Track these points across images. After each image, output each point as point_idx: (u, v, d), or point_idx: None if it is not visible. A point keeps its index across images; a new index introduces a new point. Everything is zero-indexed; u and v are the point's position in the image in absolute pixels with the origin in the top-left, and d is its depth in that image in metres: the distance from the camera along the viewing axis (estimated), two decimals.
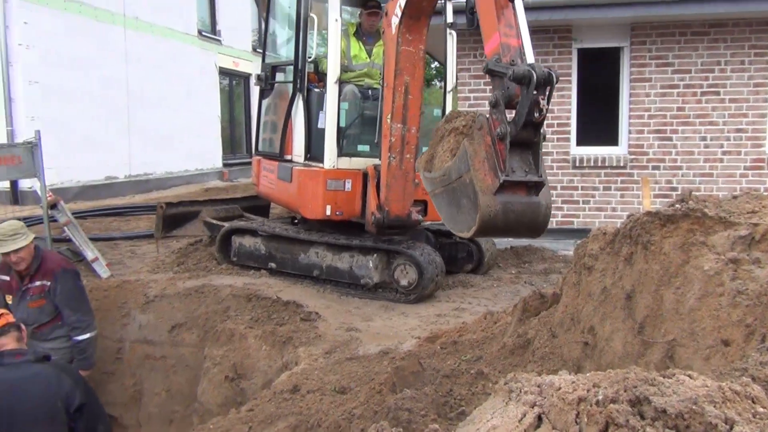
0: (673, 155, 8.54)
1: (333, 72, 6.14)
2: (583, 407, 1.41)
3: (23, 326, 3.64)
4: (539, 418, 1.45)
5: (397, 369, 2.89)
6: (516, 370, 2.81)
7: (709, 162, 8.48)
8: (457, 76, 7.17)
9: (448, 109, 6.51)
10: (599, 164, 8.65)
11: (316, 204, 6.16)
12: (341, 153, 6.24)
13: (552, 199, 3.62)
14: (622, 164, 8.60)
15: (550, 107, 3.39)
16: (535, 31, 8.35)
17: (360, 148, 6.42)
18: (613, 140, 8.82)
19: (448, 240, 7.11)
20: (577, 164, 8.66)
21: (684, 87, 8.43)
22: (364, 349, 4.62)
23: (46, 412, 3.21)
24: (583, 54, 8.74)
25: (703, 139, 8.46)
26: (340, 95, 6.41)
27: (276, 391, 3.65)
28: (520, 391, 1.54)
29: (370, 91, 6.59)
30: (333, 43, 6.16)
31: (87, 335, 5.27)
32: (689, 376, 1.50)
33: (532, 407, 1.46)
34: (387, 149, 5.71)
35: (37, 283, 5.13)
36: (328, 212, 6.10)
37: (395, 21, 5.30)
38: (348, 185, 6.14)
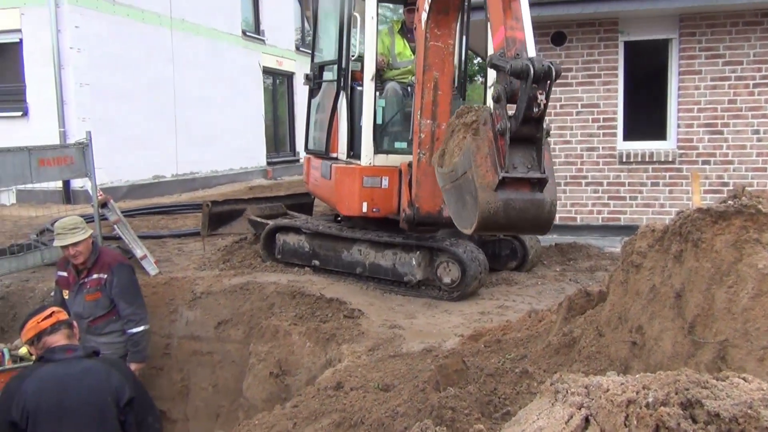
0: (724, 149, 8.29)
1: (369, 69, 6.17)
2: (633, 410, 1.37)
3: (75, 323, 3.73)
4: (586, 420, 1.43)
5: (440, 367, 2.88)
6: (561, 369, 2.76)
7: (762, 156, 8.21)
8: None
9: (489, 104, 6.44)
10: (647, 159, 8.46)
11: (352, 201, 6.20)
12: (378, 150, 6.24)
13: (558, 195, 3.53)
14: (670, 159, 8.40)
15: (550, 102, 3.32)
16: (580, 24, 8.31)
17: (397, 145, 6.41)
18: (661, 135, 8.62)
19: (491, 237, 7.06)
20: (624, 159, 8.49)
21: (735, 79, 8.17)
22: (407, 347, 4.62)
23: (97, 407, 3.28)
24: (630, 47, 8.55)
25: (756, 132, 8.19)
26: (382, 92, 6.42)
27: (320, 388, 3.67)
28: (567, 392, 1.51)
29: (410, 89, 6.57)
30: (369, 41, 6.18)
31: (141, 328, 5.42)
32: (743, 378, 1.46)
33: (580, 409, 1.44)
34: (417, 145, 5.68)
35: (94, 276, 5.30)
36: (365, 209, 6.13)
37: (423, 16, 5.27)
38: (385, 182, 6.14)
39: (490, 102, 3.67)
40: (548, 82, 3.25)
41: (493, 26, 3.67)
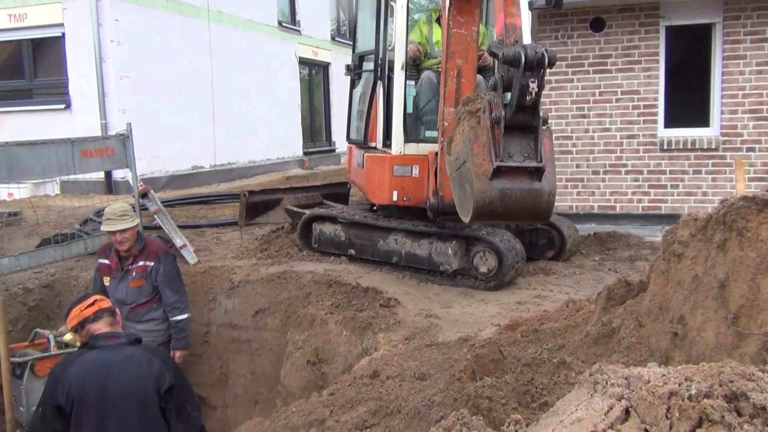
0: None
1: (399, 58, 6.17)
2: (675, 402, 1.35)
3: (117, 311, 3.81)
4: (626, 412, 1.40)
5: (477, 356, 2.86)
6: (600, 360, 2.73)
7: None
8: None
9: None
10: (689, 147, 8.26)
11: (382, 189, 6.23)
12: (409, 139, 6.23)
13: (557, 184, 3.45)
14: (713, 146, 8.19)
15: (543, 90, 3.27)
16: (621, 9, 8.15)
17: (429, 134, 6.38)
18: (703, 121, 8.41)
19: (528, 226, 6.99)
20: (665, 147, 8.31)
21: None
22: (443, 336, 4.61)
23: (139, 393, 3.35)
24: (672, 32, 8.35)
25: None
26: (416, 81, 6.40)
27: (356, 376, 3.69)
28: (607, 383, 1.49)
29: None
30: (399, 30, 6.17)
31: (185, 316, 5.57)
32: None
33: (620, 400, 1.41)
34: (441, 134, 5.62)
35: (140, 263, 5.43)
36: (395, 198, 6.13)
37: (446, 3, 5.22)
38: (415, 171, 6.12)
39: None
40: (542, 70, 3.21)
41: (495, 13, 3.66)
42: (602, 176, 8.53)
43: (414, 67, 6.61)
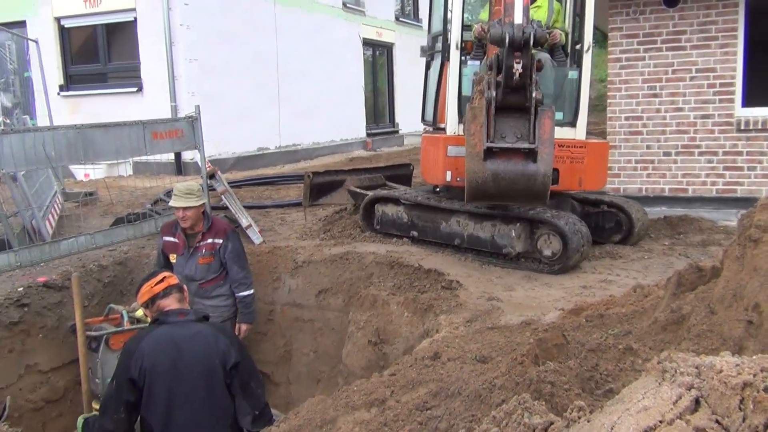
0: None
1: (454, 37, 6.12)
2: (749, 393, 1.29)
3: (185, 287, 3.91)
4: (696, 402, 1.35)
5: (539, 341, 2.82)
6: (668, 347, 2.64)
7: None
8: (605, 35, 6.76)
9: (585, 71, 6.14)
10: None
11: (436, 169, 6.27)
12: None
13: (551, 166, 3.32)
14: None
15: (533, 70, 3.22)
16: None
17: None
18: None
19: (595, 209, 6.83)
20: (743, 127, 7.94)
21: None
22: (505, 319, 4.56)
23: (206, 369, 3.44)
24: (752, 6, 7.94)
25: None
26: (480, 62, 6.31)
27: (417, 358, 3.69)
28: (676, 372, 1.43)
29: None
30: (456, 9, 6.11)
31: (251, 291, 5.76)
32: None
33: (689, 390, 1.36)
34: None
35: (209, 240, 5.59)
36: (448, 178, 6.14)
37: None
38: None
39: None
40: (528, 50, 3.11)
41: None
42: (674, 158, 8.24)
43: (480, 47, 6.52)
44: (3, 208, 6.39)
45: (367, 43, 17.99)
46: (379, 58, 19.41)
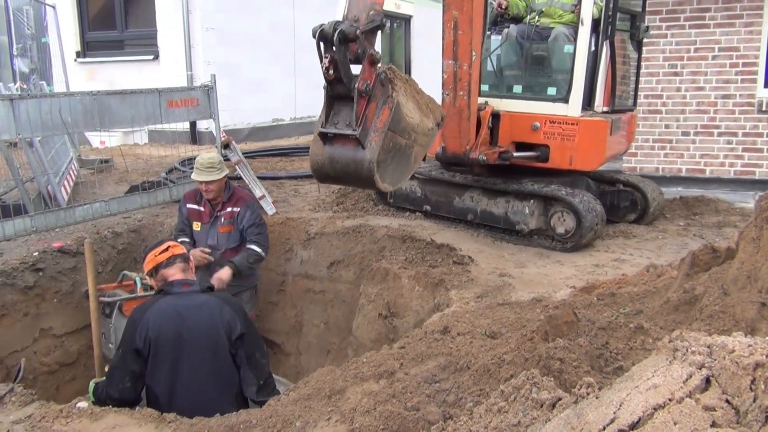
0: None
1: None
2: (761, 374, 1.28)
3: (191, 258, 3.91)
4: (707, 381, 1.34)
5: (550, 317, 2.81)
6: (680, 327, 2.63)
7: None
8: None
9: (581, 45, 5.98)
10: None
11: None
12: None
13: (377, 154, 3.51)
14: None
15: (345, 64, 3.49)
16: None
17: (482, 87, 6.26)
18: None
19: (610, 187, 6.78)
20: (764, 108, 7.81)
21: None
22: (516, 296, 4.56)
23: (211, 339, 3.46)
24: None
25: None
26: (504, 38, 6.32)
27: (427, 331, 3.70)
28: (687, 351, 1.42)
29: (534, 30, 6.32)
30: None
31: (260, 250, 5.62)
32: None
33: (700, 369, 1.35)
34: (441, 86, 5.65)
35: (228, 209, 5.62)
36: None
37: None
38: None
39: None
40: (333, 46, 3.40)
41: None
42: (692, 138, 8.13)
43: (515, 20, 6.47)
44: (19, 173, 6.43)
45: (385, 14, 17.78)
46: (396, 30, 19.21)
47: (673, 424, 1.28)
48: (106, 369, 4.51)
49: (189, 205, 5.73)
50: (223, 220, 5.61)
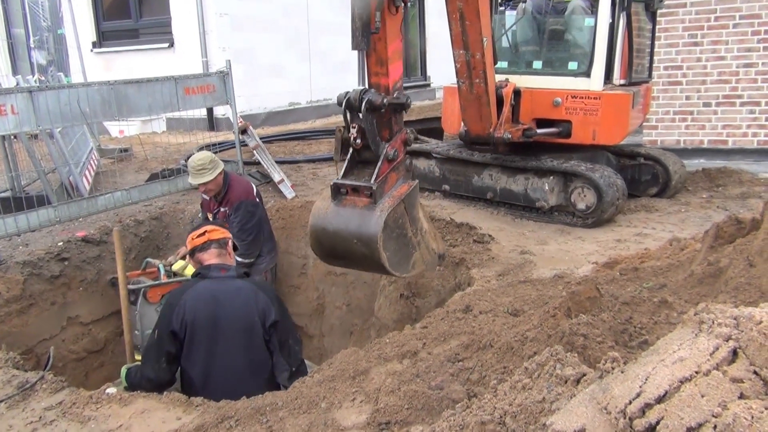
0: None
1: None
2: None
3: (229, 243, 3.90)
4: (734, 353, 1.33)
5: (572, 294, 2.80)
6: (704, 300, 2.60)
7: None
8: None
9: (602, 17, 5.90)
10: None
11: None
12: None
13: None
14: None
15: (372, 132, 3.60)
16: None
17: (499, 64, 6.18)
18: None
19: (631, 161, 6.70)
20: None
21: None
22: (537, 273, 4.54)
23: (245, 325, 3.49)
24: None
25: None
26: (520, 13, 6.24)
27: (449, 311, 3.70)
28: (713, 323, 1.41)
29: (551, 5, 6.25)
30: None
31: (242, 259, 5.42)
32: None
33: (727, 341, 1.34)
34: (456, 74, 5.63)
35: (222, 209, 5.57)
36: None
37: None
38: None
39: None
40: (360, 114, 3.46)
41: None
42: (714, 108, 8.00)
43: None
44: (41, 164, 6.50)
45: None
46: (410, 10, 19.05)
47: (701, 396, 1.27)
48: (137, 355, 4.59)
49: (204, 195, 5.76)
50: (219, 218, 5.59)
